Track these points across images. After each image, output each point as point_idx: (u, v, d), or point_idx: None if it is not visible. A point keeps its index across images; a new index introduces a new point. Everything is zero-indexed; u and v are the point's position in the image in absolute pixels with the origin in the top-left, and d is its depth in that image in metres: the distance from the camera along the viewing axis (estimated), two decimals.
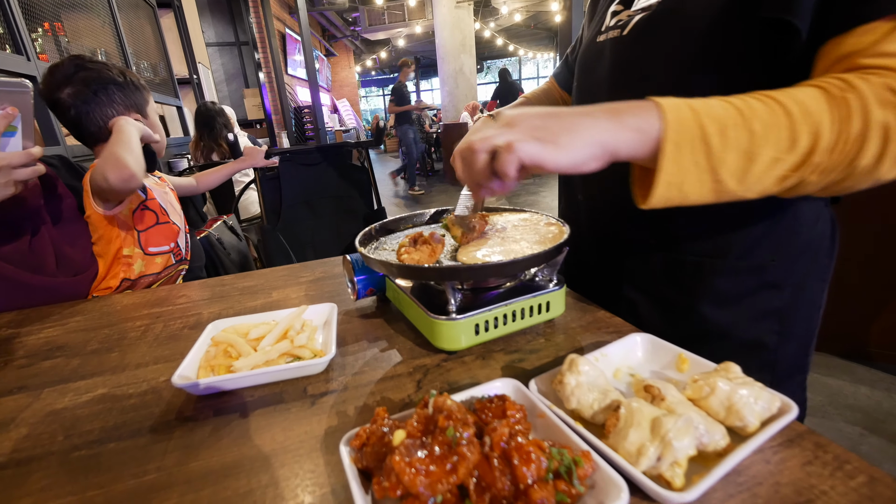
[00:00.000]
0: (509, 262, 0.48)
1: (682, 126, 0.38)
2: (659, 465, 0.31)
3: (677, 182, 0.39)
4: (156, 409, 0.48)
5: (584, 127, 0.39)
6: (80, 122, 0.97)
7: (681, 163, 0.38)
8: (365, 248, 0.60)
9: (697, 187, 0.40)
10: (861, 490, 0.32)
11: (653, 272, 0.63)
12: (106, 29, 2.70)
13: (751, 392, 0.36)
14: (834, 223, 0.61)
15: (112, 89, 0.98)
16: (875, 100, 0.37)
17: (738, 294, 0.58)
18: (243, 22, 6.71)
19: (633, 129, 0.39)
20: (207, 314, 0.73)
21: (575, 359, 0.40)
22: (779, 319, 0.58)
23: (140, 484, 0.38)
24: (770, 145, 0.38)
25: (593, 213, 0.70)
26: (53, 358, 0.62)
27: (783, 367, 0.60)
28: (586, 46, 0.69)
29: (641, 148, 0.39)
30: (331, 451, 0.40)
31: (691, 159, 0.38)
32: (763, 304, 0.58)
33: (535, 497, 0.28)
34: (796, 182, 0.40)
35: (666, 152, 0.38)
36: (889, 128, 0.37)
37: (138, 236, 1.02)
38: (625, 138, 0.39)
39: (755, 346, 0.59)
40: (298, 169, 1.98)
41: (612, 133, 0.39)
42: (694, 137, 0.38)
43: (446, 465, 0.29)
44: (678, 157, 0.38)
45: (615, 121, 0.39)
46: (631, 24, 0.59)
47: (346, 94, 12.56)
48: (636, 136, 0.39)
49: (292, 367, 0.50)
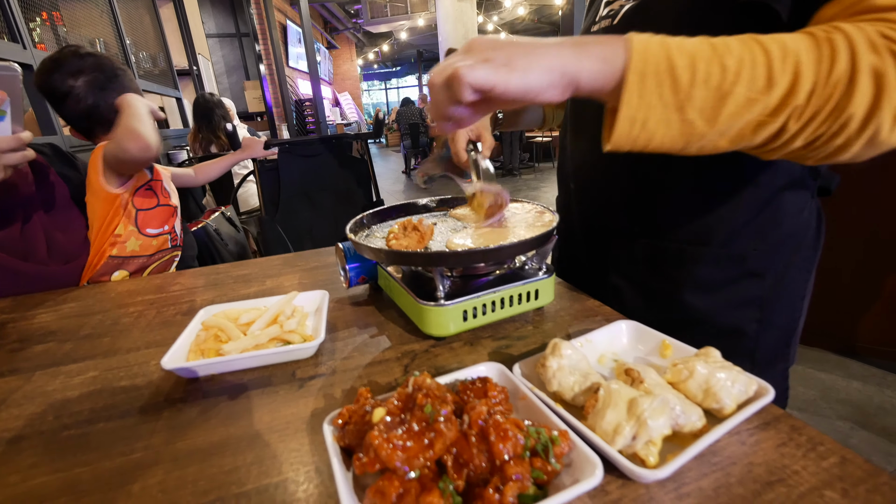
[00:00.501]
0: (495, 249, 0.48)
1: (649, 56, 0.36)
2: (634, 444, 0.32)
3: (641, 118, 0.36)
4: (145, 392, 0.48)
5: (543, 52, 0.37)
6: (98, 110, 0.98)
7: (645, 95, 0.36)
8: (356, 236, 0.61)
9: (664, 126, 0.37)
10: (832, 470, 0.33)
11: (637, 260, 0.63)
12: (104, 19, 2.69)
13: (728, 375, 0.37)
14: (820, 214, 0.61)
15: (121, 76, 0.99)
16: (864, 42, 0.34)
17: (720, 282, 0.58)
18: (244, 13, 6.66)
19: (596, 57, 0.36)
20: (201, 301, 0.73)
21: (558, 343, 0.41)
22: (759, 307, 0.59)
23: (127, 461, 0.38)
24: (744, 82, 0.35)
25: (583, 202, 0.70)
26: (46, 342, 0.62)
27: (763, 354, 0.61)
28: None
29: (604, 78, 0.37)
30: (316, 431, 0.40)
31: (657, 93, 0.36)
32: (744, 292, 0.58)
33: (510, 473, 0.29)
34: (776, 130, 0.37)
35: (629, 82, 0.35)
36: (882, 73, 0.34)
37: (136, 216, 1.02)
38: (587, 66, 0.36)
39: (735, 333, 0.60)
40: (297, 160, 1.98)
41: (574, 60, 0.36)
42: (661, 69, 0.35)
43: (423, 441, 0.29)
44: (642, 89, 0.36)
45: (579, 49, 0.37)
46: (621, 13, 0.59)
47: (348, 88, 12.51)
48: (600, 65, 0.36)
49: (281, 351, 0.50)
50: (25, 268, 0.87)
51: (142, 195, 1.03)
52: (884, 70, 0.34)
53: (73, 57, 0.95)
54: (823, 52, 0.35)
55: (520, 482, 0.29)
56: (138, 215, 1.02)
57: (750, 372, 0.59)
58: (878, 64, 0.34)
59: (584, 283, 0.69)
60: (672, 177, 0.57)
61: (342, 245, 0.67)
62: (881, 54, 0.34)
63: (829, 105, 0.35)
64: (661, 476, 0.30)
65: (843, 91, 0.35)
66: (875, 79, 0.34)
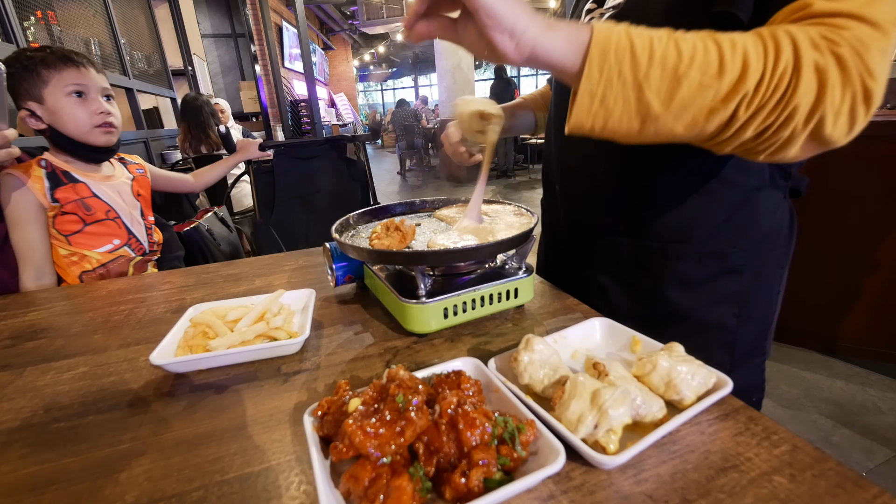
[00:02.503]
0: (473, 248, 0.50)
1: (611, 35, 0.38)
2: (595, 433, 0.34)
3: (601, 93, 0.38)
4: (134, 386, 0.50)
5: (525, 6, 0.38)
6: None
7: (605, 70, 0.38)
8: (341, 236, 0.62)
9: (622, 103, 0.39)
10: (783, 457, 0.35)
11: (622, 258, 0.65)
12: (99, 18, 2.69)
13: (689, 369, 0.39)
14: (792, 214, 0.64)
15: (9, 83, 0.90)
16: (807, 41, 0.37)
17: (701, 278, 0.61)
18: (240, 14, 6.66)
19: (562, 35, 0.39)
20: (191, 299, 0.74)
21: (531, 338, 0.42)
22: (738, 303, 0.61)
23: (115, 452, 0.40)
24: (697, 67, 0.37)
25: (568, 202, 0.72)
26: (37, 339, 0.63)
27: (742, 348, 0.63)
28: None
29: (567, 54, 0.39)
30: (298, 422, 0.42)
31: (616, 69, 0.38)
32: (724, 288, 0.61)
33: (477, 459, 0.31)
34: (727, 117, 0.39)
35: (591, 56, 0.38)
36: (823, 69, 0.36)
37: (67, 239, 0.97)
38: (551, 37, 0.38)
39: (716, 327, 0.62)
40: (293, 163, 1.97)
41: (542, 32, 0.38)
42: (621, 47, 0.38)
43: (395, 429, 0.31)
44: (602, 63, 0.38)
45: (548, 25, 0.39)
46: (606, 15, 0.60)
47: (344, 89, 12.51)
48: (563, 42, 0.38)
49: (267, 347, 0.52)
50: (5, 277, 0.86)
51: (61, 221, 0.96)
52: (825, 66, 0.37)
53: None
54: (769, 46, 0.38)
55: (485, 467, 0.31)
56: (70, 239, 0.97)
57: (729, 364, 0.61)
58: (820, 60, 0.37)
59: (570, 283, 0.70)
60: (654, 177, 0.60)
61: (329, 245, 0.68)
62: (822, 52, 0.37)
63: (777, 94, 0.37)
64: (619, 462, 0.32)
65: (789, 82, 0.37)
66: (818, 74, 0.37)
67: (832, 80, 0.37)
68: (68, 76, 0.95)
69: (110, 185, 1.07)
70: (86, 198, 0.99)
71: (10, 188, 0.89)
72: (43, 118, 0.95)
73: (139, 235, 1.10)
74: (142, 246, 1.11)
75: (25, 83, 0.92)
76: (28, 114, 0.93)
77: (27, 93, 0.93)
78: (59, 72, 0.94)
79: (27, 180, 0.91)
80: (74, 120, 0.96)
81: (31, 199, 0.91)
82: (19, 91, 0.93)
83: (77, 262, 0.98)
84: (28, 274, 0.91)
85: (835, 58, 0.37)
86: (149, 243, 1.13)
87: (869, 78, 0.37)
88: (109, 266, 1.03)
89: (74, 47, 2.42)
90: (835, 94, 0.37)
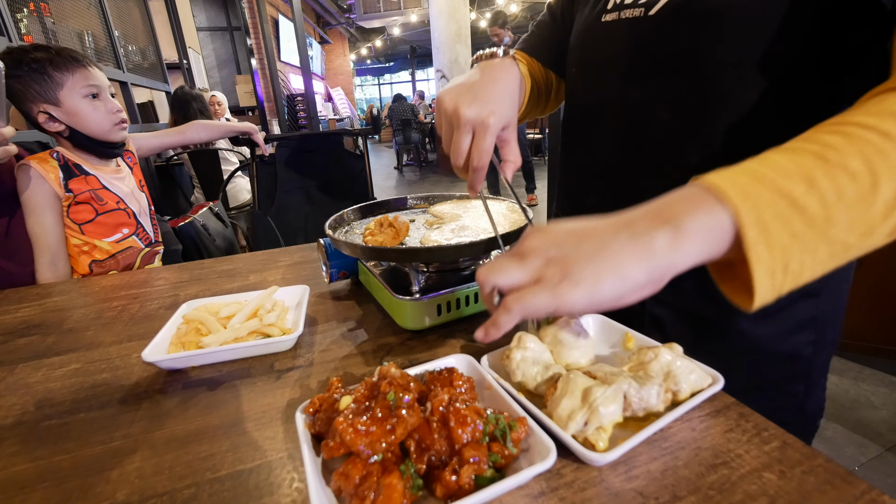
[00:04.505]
0: (466, 245, 0.50)
1: (757, 200, 0.30)
2: (586, 430, 0.34)
3: (781, 266, 0.30)
4: (126, 383, 0.50)
5: (613, 252, 0.31)
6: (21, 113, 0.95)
7: (775, 244, 0.30)
8: (335, 232, 0.62)
9: (810, 260, 0.31)
10: (773, 454, 0.35)
11: (682, 288, 0.53)
12: (92, 11, 2.66)
13: (688, 366, 0.39)
14: None
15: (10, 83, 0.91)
16: None
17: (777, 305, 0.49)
18: (235, 6, 6.59)
19: (694, 234, 0.31)
20: (184, 295, 0.74)
21: (523, 336, 0.42)
22: (814, 329, 0.55)
23: (106, 449, 0.40)
24: (885, 177, 0.30)
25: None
26: (29, 335, 0.63)
27: (816, 374, 0.58)
28: (586, 29, 0.61)
29: (713, 252, 0.31)
30: (290, 420, 0.42)
31: (787, 234, 0.30)
32: (801, 313, 0.54)
33: (468, 456, 0.31)
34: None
35: (750, 240, 0.30)
36: None
37: (80, 229, 1.00)
38: (687, 250, 0.31)
39: (791, 358, 0.56)
40: (296, 155, 1.99)
41: (667, 249, 0.31)
42: (780, 208, 0.30)
43: (386, 426, 0.31)
44: (768, 238, 0.30)
45: (673, 236, 0.31)
46: (660, 3, 0.51)
47: (341, 83, 12.43)
48: (702, 243, 0.31)
49: (259, 344, 0.52)
50: (11, 268, 0.87)
51: (74, 210, 0.99)
52: None
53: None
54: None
55: (476, 465, 0.31)
56: (83, 227, 1.00)
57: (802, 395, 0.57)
58: None
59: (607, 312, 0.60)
60: None
61: (323, 241, 0.68)
62: None
63: None
64: (609, 459, 0.32)
65: None
66: None
67: None
68: (81, 78, 0.97)
69: (118, 177, 1.10)
70: (97, 189, 1.02)
71: (27, 177, 0.93)
72: (61, 120, 0.97)
73: (146, 225, 1.14)
74: (148, 236, 1.14)
75: (36, 86, 0.93)
76: (47, 117, 0.96)
77: (40, 95, 0.94)
78: (71, 74, 0.96)
79: (42, 170, 0.94)
80: (95, 121, 1.00)
81: (46, 187, 0.94)
82: (28, 94, 0.94)
83: (88, 251, 1.01)
84: (43, 259, 0.94)
85: None
86: (154, 233, 1.17)
87: None
88: (119, 256, 1.05)
89: (68, 40, 2.40)
90: None
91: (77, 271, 1.01)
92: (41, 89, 0.94)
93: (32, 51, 0.93)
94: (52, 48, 0.95)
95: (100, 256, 1.02)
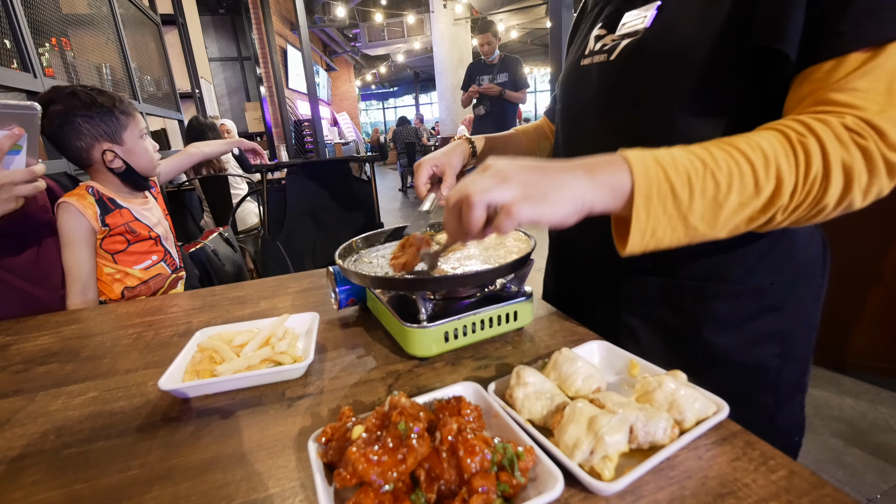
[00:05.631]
0: (472, 274, 0.51)
1: (650, 180, 0.41)
2: (591, 459, 0.34)
3: (650, 230, 0.42)
4: (143, 411, 0.51)
5: (567, 185, 0.41)
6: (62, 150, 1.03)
7: (651, 213, 0.41)
8: (344, 261, 0.64)
9: (670, 233, 0.43)
10: (780, 483, 0.35)
11: (652, 298, 0.62)
12: (111, 45, 2.78)
13: (692, 394, 0.40)
14: (825, 244, 0.62)
15: (77, 122, 0.99)
16: (833, 140, 0.40)
17: (740, 318, 0.58)
18: (246, 37, 6.86)
19: (607, 187, 0.42)
20: (197, 322, 0.76)
21: (520, 371, 0.43)
22: (779, 342, 0.59)
23: (124, 478, 0.41)
24: (735, 192, 0.41)
25: (587, 237, 0.68)
26: (48, 364, 0.65)
27: (785, 388, 0.61)
28: (569, 70, 0.70)
29: (614, 203, 0.42)
30: (302, 448, 0.43)
31: (661, 209, 0.41)
32: (764, 327, 0.58)
33: (477, 485, 0.32)
34: (765, 221, 0.43)
35: (637, 205, 0.41)
36: (849, 166, 0.40)
37: (113, 258, 1.07)
38: (601, 197, 0.42)
39: (757, 369, 0.60)
40: (305, 181, 2.04)
41: (591, 192, 0.41)
42: (662, 190, 0.41)
43: (397, 456, 0.32)
44: (648, 208, 0.41)
45: (591, 179, 0.42)
46: (618, 49, 0.59)
47: (346, 108, 12.74)
48: (610, 193, 0.42)
49: (271, 372, 0.53)
50: (39, 293, 0.91)
51: (109, 242, 1.06)
52: (851, 163, 0.40)
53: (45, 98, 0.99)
54: (800, 157, 0.41)
55: (485, 494, 0.31)
56: (115, 257, 1.07)
57: (772, 406, 0.60)
58: (847, 158, 0.40)
59: (587, 320, 0.66)
60: None
61: (332, 269, 0.70)
62: (848, 148, 0.41)
63: (809, 199, 0.42)
64: (617, 488, 0.33)
65: (819, 187, 0.41)
66: (845, 172, 0.41)
67: (858, 172, 0.41)
68: (138, 120, 1.09)
69: (146, 207, 1.17)
70: (130, 222, 1.09)
71: (68, 214, 1.00)
72: (122, 157, 1.06)
73: (171, 251, 1.20)
74: (175, 261, 1.20)
75: (104, 126, 1.03)
76: (114, 155, 1.05)
77: (106, 135, 1.04)
78: (132, 116, 1.08)
79: (81, 207, 1.01)
80: (147, 159, 1.11)
81: (84, 223, 1.01)
82: (95, 132, 1.02)
83: (120, 279, 1.07)
84: (75, 289, 1.00)
85: (860, 151, 0.40)
86: (178, 258, 1.23)
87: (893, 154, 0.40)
88: (151, 282, 1.12)
89: (87, 73, 2.50)
90: (861, 182, 0.41)
91: (109, 297, 1.07)
92: (109, 129, 1.03)
93: (98, 95, 1.02)
94: (114, 95, 1.05)
95: (131, 283, 1.08)
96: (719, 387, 0.43)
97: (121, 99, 1.06)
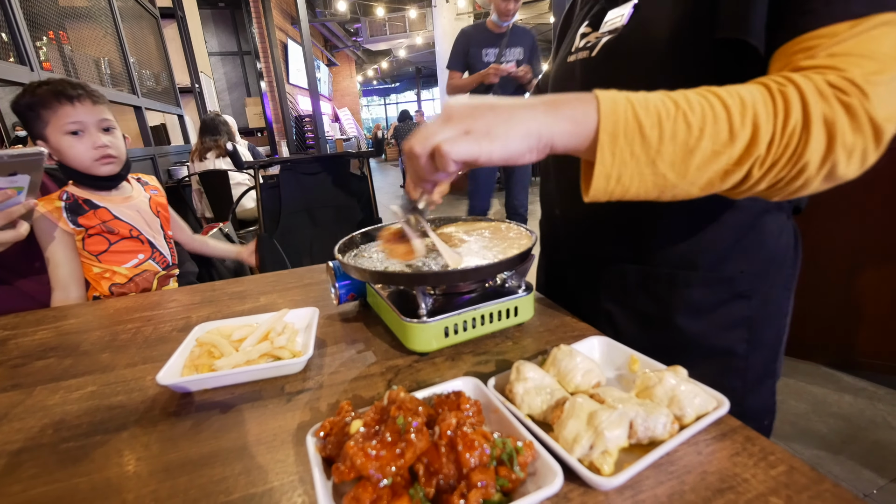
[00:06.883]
0: (472, 269, 0.51)
1: (618, 116, 0.38)
2: (591, 454, 0.34)
3: (616, 174, 0.39)
4: (141, 406, 0.51)
5: (519, 118, 0.39)
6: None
7: (617, 154, 0.38)
8: (344, 256, 0.64)
9: (638, 179, 0.40)
10: (779, 478, 0.35)
11: (628, 285, 0.64)
12: (109, 39, 2.77)
13: (692, 389, 0.40)
14: (797, 235, 0.63)
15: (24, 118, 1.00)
16: (814, 92, 0.37)
17: (710, 304, 0.60)
18: (246, 32, 6.83)
19: (569, 119, 0.39)
20: (196, 317, 0.76)
21: (520, 366, 0.43)
22: (748, 328, 0.61)
23: (122, 472, 0.41)
24: (708, 137, 0.38)
25: (570, 228, 0.72)
26: (47, 358, 0.65)
27: (754, 373, 0.62)
28: (557, 67, 0.72)
29: (577, 139, 0.39)
30: (301, 442, 0.43)
31: (628, 150, 0.38)
32: (733, 313, 0.60)
33: (476, 480, 0.31)
34: (741, 177, 0.40)
35: (602, 142, 0.38)
36: (830, 120, 0.37)
37: (97, 258, 1.07)
38: (560, 129, 0.39)
39: (726, 353, 0.62)
40: (299, 178, 2.03)
41: (549, 124, 0.39)
42: (630, 129, 0.38)
43: (395, 451, 0.32)
44: (614, 147, 0.38)
45: (552, 112, 0.39)
46: (599, 45, 0.61)
47: (348, 103, 12.70)
48: (572, 126, 0.39)
49: (270, 367, 0.53)
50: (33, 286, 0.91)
51: (89, 243, 1.06)
52: (833, 118, 0.37)
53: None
54: (778, 105, 0.38)
55: (484, 489, 0.31)
56: (99, 257, 1.07)
57: (742, 390, 0.61)
58: (829, 112, 0.37)
59: (573, 307, 0.69)
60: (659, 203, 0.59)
61: (332, 264, 0.70)
62: (830, 102, 0.37)
63: (788, 153, 0.38)
64: (616, 483, 0.33)
65: (799, 140, 0.38)
66: (827, 126, 0.38)
67: (842, 128, 0.37)
68: (63, 115, 1.00)
69: (129, 205, 1.14)
70: (107, 221, 1.08)
71: (39, 219, 1.01)
72: (52, 155, 1.03)
73: (162, 249, 1.18)
74: (165, 259, 1.18)
75: (30, 124, 1.01)
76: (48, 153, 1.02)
77: (33, 133, 1.02)
78: (54, 111, 0.99)
79: (47, 212, 1.02)
80: (75, 157, 1.03)
81: (51, 226, 1.02)
82: (30, 129, 1.02)
83: (108, 277, 1.08)
84: (56, 291, 1.02)
85: (843, 107, 0.37)
86: (171, 255, 1.21)
87: (878, 118, 0.37)
88: (137, 279, 1.11)
89: (85, 67, 2.49)
90: (845, 140, 0.38)
91: (103, 294, 1.07)
92: (32, 127, 1.01)
93: (37, 88, 0.99)
94: (46, 83, 1.00)
95: (119, 280, 1.09)
96: (691, 371, 0.43)
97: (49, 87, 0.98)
